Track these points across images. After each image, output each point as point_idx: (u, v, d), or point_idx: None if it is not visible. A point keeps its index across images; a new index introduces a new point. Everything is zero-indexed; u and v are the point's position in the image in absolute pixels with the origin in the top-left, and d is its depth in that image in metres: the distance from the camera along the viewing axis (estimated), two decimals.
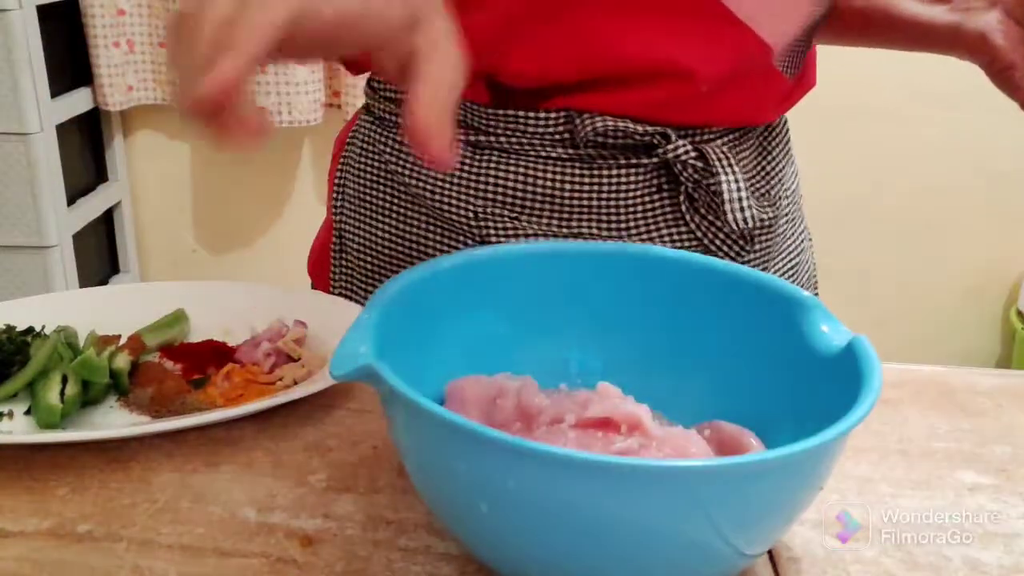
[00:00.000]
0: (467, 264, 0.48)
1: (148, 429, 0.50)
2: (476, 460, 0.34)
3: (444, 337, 0.47)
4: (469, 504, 0.36)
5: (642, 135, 0.63)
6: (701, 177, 0.64)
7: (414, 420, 0.37)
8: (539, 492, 0.33)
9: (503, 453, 0.33)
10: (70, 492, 0.46)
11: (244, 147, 0.38)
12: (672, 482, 0.33)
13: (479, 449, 0.34)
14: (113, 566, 0.41)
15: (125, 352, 0.58)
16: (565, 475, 0.33)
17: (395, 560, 0.41)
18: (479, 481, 0.35)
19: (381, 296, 0.43)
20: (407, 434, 0.38)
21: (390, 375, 0.36)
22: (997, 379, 0.62)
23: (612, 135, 0.63)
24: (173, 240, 2.13)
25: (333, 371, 0.38)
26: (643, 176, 0.65)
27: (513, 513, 0.35)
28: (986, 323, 2.12)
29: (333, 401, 0.55)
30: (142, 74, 1.91)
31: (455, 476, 0.36)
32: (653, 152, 0.64)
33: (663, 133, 0.63)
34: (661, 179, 0.65)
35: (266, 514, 0.45)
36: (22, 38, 1.61)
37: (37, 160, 1.67)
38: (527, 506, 0.34)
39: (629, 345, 0.50)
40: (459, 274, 0.48)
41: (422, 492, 0.41)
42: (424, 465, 0.39)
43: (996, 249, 2.03)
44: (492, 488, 0.34)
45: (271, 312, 0.62)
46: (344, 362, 0.37)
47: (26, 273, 1.74)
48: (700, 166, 0.63)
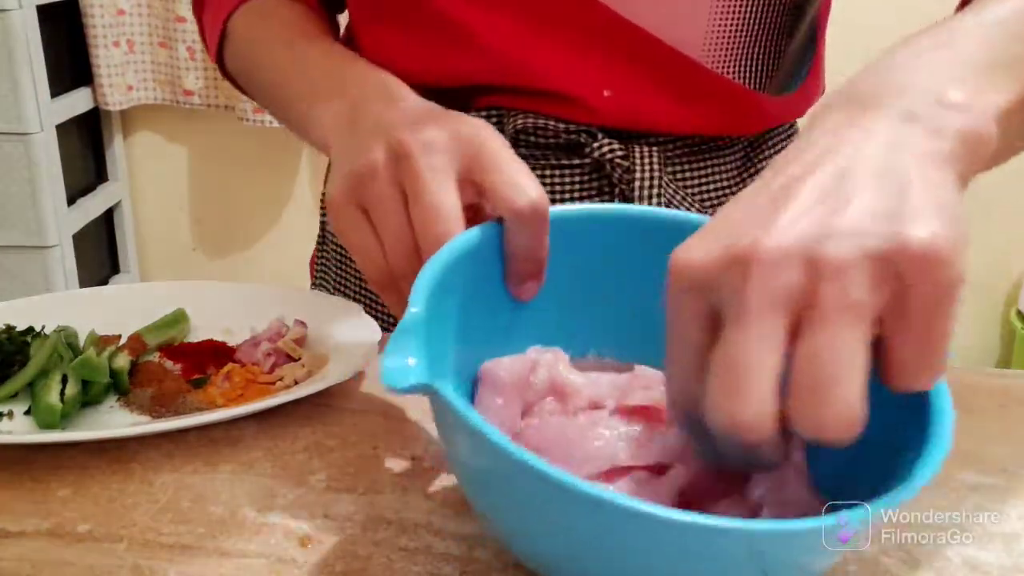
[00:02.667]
0: (483, 240, 0.45)
1: (148, 429, 0.50)
2: (549, 503, 0.32)
3: (472, 317, 0.44)
4: (534, 528, 0.35)
5: (567, 133, 0.63)
6: (629, 176, 0.64)
7: (479, 448, 0.34)
8: (610, 542, 0.32)
9: (579, 502, 0.31)
10: (70, 492, 0.46)
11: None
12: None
13: (553, 494, 0.32)
14: (113, 566, 0.41)
15: (125, 352, 0.58)
16: (647, 534, 0.31)
17: (395, 560, 0.41)
18: (548, 517, 0.33)
19: (423, 282, 0.39)
20: (469, 456, 0.36)
21: (453, 398, 0.33)
22: (997, 379, 0.62)
23: (538, 133, 0.63)
24: (173, 240, 2.14)
25: (387, 383, 0.34)
26: (578, 177, 0.65)
27: (583, 552, 0.34)
28: (986, 323, 2.12)
29: (333, 401, 0.55)
30: (142, 74, 1.92)
31: (523, 506, 0.34)
32: (584, 152, 0.64)
33: (588, 131, 0.63)
34: (600, 181, 0.65)
35: (266, 514, 0.45)
36: (22, 38, 1.61)
37: (37, 160, 1.67)
38: (599, 550, 0.33)
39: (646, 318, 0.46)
40: (476, 253, 0.44)
41: (479, 505, 0.39)
42: (488, 490, 0.37)
43: (996, 249, 2.03)
44: (562, 528, 0.33)
45: (271, 312, 0.62)
46: (397, 376, 0.34)
47: (26, 273, 1.74)
48: (626, 165, 0.63)
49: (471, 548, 0.42)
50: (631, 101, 0.63)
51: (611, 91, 0.62)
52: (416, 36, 0.64)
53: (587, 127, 0.63)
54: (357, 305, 0.63)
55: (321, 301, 0.66)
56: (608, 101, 0.62)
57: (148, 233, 2.13)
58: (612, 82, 0.62)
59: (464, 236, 0.43)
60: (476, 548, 0.42)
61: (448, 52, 0.63)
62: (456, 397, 0.33)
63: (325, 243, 0.78)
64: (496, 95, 0.64)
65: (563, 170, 0.65)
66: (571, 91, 0.62)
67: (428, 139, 0.44)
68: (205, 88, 1.89)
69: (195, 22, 0.73)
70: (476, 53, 0.62)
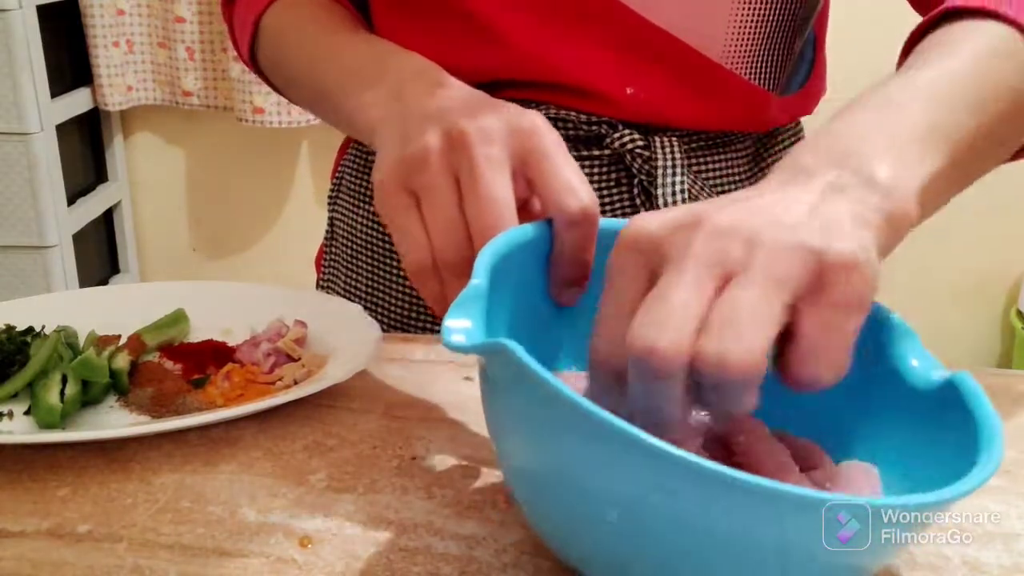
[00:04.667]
0: (534, 237, 0.44)
1: (148, 429, 0.50)
2: (621, 469, 0.31)
3: (516, 314, 0.43)
4: (593, 511, 0.33)
5: (588, 125, 0.64)
6: (649, 166, 0.64)
7: (552, 412, 0.33)
8: (689, 511, 0.31)
9: (665, 464, 0.30)
10: (70, 492, 0.46)
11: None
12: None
13: (632, 456, 0.31)
14: (113, 566, 0.41)
15: (125, 352, 0.58)
16: (728, 497, 0.30)
17: (395, 560, 0.41)
18: (618, 489, 0.32)
19: (485, 259, 0.39)
20: (530, 421, 0.34)
21: (525, 356, 0.32)
22: (997, 379, 0.62)
23: (559, 126, 0.64)
24: (173, 240, 2.13)
25: (449, 341, 0.33)
26: (598, 169, 0.66)
27: (647, 526, 0.32)
28: (986, 323, 2.12)
29: (333, 401, 0.55)
30: (142, 74, 1.92)
31: (586, 478, 0.33)
32: (604, 143, 0.65)
33: (609, 122, 0.64)
34: (619, 172, 0.66)
35: (266, 514, 0.45)
36: (22, 38, 1.61)
37: (37, 160, 1.67)
38: (668, 522, 0.31)
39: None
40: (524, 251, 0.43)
41: (521, 486, 0.38)
42: (546, 457, 0.34)
43: (996, 249, 2.03)
44: (631, 498, 0.32)
45: (271, 312, 0.62)
46: (458, 334, 0.33)
47: (26, 273, 1.74)
48: (647, 155, 0.64)
49: (471, 548, 0.42)
50: (653, 98, 0.63)
51: (633, 88, 0.63)
52: (439, 31, 0.64)
53: (608, 120, 0.64)
54: (357, 305, 0.63)
55: (321, 301, 0.66)
56: (630, 97, 0.63)
57: (148, 233, 2.13)
58: (634, 80, 0.63)
59: (517, 231, 0.42)
60: (476, 548, 0.42)
61: (471, 47, 0.63)
62: (525, 353, 0.32)
63: (334, 239, 0.78)
64: (518, 89, 0.64)
65: (583, 162, 0.65)
66: (594, 87, 0.63)
67: (486, 127, 0.44)
68: (204, 89, 1.89)
69: (223, 22, 0.73)
70: (499, 49, 0.62)
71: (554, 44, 0.62)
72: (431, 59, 0.55)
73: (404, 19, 0.66)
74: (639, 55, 0.62)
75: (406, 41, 0.65)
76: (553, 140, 0.44)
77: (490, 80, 0.64)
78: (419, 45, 0.64)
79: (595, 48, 0.62)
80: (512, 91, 0.64)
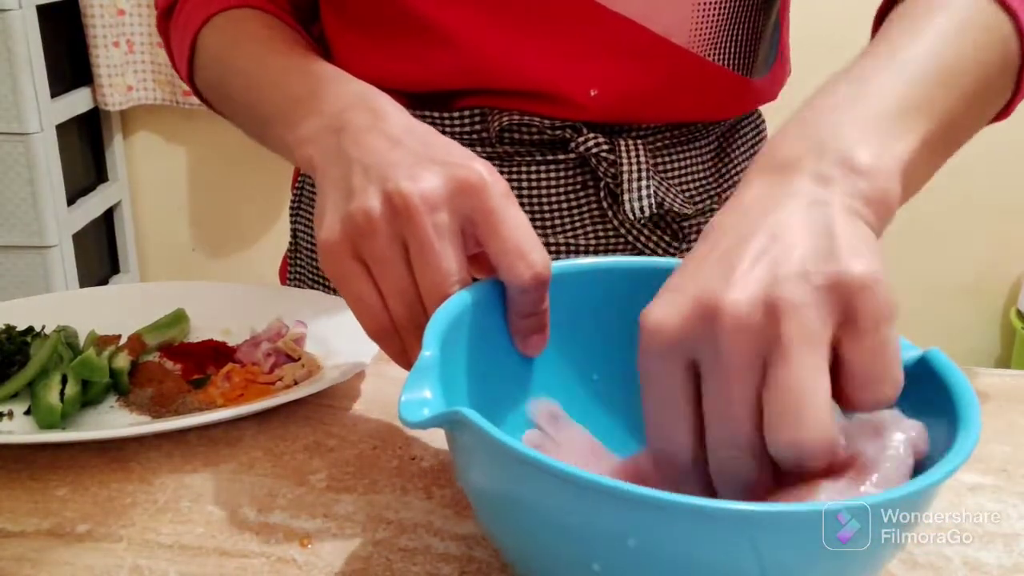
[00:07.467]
0: (491, 290, 0.45)
1: (148, 429, 0.50)
2: (593, 515, 0.31)
3: (480, 365, 0.44)
4: (576, 563, 0.33)
5: (552, 130, 0.63)
6: (615, 169, 0.64)
7: (511, 471, 0.33)
8: (670, 550, 0.31)
9: (630, 506, 0.30)
10: (70, 492, 0.46)
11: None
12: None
13: (599, 503, 0.31)
14: (113, 566, 0.41)
15: (125, 352, 0.58)
16: (702, 530, 0.30)
17: (395, 560, 0.41)
18: (593, 538, 0.32)
19: (435, 329, 0.40)
20: (498, 484, 0.35)
21: (482, 423, 0.33)
22: (997, 379, 0.62)
23: (522, 131, 0.63)
24: (173, 240, 2.14)
25: (406, 417, 0.34)
26: (563, 173, 0.65)
27: (630, 573, 0.32)
28: (986, 323, 2.12)
29: (333, 401, 0.55)
30: (142, 74, 1.91)
31: (563, 532, 0.33)
32: (569, 147, 0.64)
33: (573, 126, 0.64)
34: (585, 175, 0.66)
35: (266, 514, 0.45)
36: (22, 38, 1.61)
37: (37, 160, 1.67)
38: (649, 561, 0.31)
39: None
40: (486, 300, 0.44)
41: (504, 544, 0.38)
42: (518, 518, 0.35)
43: (996, 249, 2.03)
44: (608, 547, 0.31)
45: (271, 312, 0.62)
46: (415, 409, 0.34)
47: (26, 273, 1.74)
48: (612, 159, 0.64)
49: (471, 548, 0.42)
50: (617, 96, 0.63)
51: (597, 89, 0.62)
52: (392, 41, 0.63)
53: (572, 123, 0.64)
54: None
55: (321, 301, 0.66)
56: (594, 100, 0.63)
57: (148, 233, 2.13)
58: (598, 78, 0.62)
59: (469, 290, 0.42)
60: (476, 548, 0.42)
61: (426, 56, 0.62)
62: (480, 417, 0.33)
63: (298, 251, 0.76)
64: (479, 96, 0.64)
65: (547, 166, 0.65)
66: (556, 90, 0.62)
67: (428, 192, 0.42)
68: None
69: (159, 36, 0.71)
70: (455, 54, 0.62)
71: (515, 47, 0.61)
72: (389, 72, 0.54)
73: (359, 34, 0.65)
74: (604, 50, 0.61)
75: (363, 56, 0.64)
76: (499, 193, 0.43)
77: (450, 89, 0.63)
78: (376, 59, 0.64)
79: (554, 46, 0.61)
80: (473, 99, 0.64)
